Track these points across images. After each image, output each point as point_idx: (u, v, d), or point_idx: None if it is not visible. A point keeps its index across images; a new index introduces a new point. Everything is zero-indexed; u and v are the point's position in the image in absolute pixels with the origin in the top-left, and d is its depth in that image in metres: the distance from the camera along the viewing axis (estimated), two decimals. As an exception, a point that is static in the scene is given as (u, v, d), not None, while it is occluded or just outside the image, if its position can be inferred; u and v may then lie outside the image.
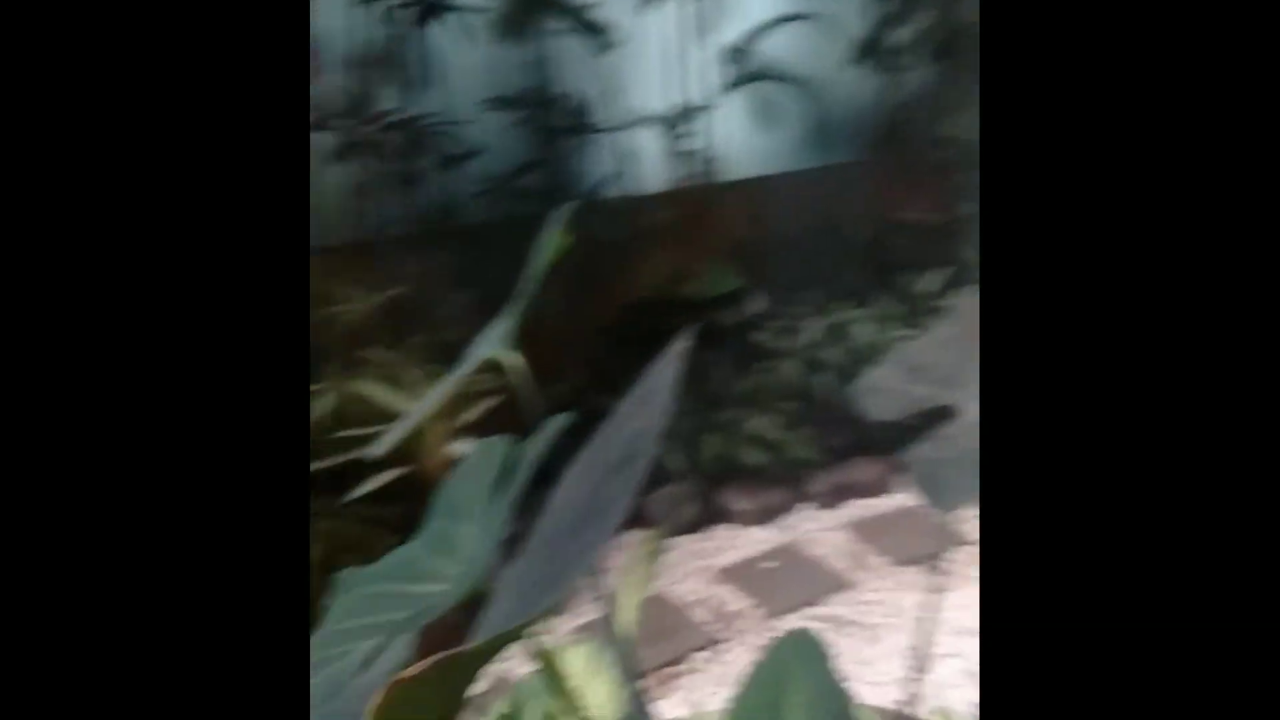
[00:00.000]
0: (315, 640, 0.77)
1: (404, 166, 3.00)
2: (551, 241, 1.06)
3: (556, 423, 0.77)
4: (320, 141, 2.80)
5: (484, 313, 1.10)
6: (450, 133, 3.04)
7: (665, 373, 0.45)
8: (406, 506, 0.96)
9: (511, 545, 0.70)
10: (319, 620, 0.83)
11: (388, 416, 2.31)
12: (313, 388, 2.46)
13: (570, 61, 3.28)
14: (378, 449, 1.12)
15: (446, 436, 2.46)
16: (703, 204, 3.52)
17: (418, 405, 1.16)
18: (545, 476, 0.74)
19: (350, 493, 2.28)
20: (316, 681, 0.68)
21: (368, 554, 0.98)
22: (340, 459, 2.27)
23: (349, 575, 0.86)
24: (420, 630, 0.70)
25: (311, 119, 2.74)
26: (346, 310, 2.64)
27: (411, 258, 2.94)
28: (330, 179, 2.87)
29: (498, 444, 0.92)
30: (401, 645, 0.71)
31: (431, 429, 2.46)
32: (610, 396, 0.70)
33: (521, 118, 3.19)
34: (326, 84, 2.82)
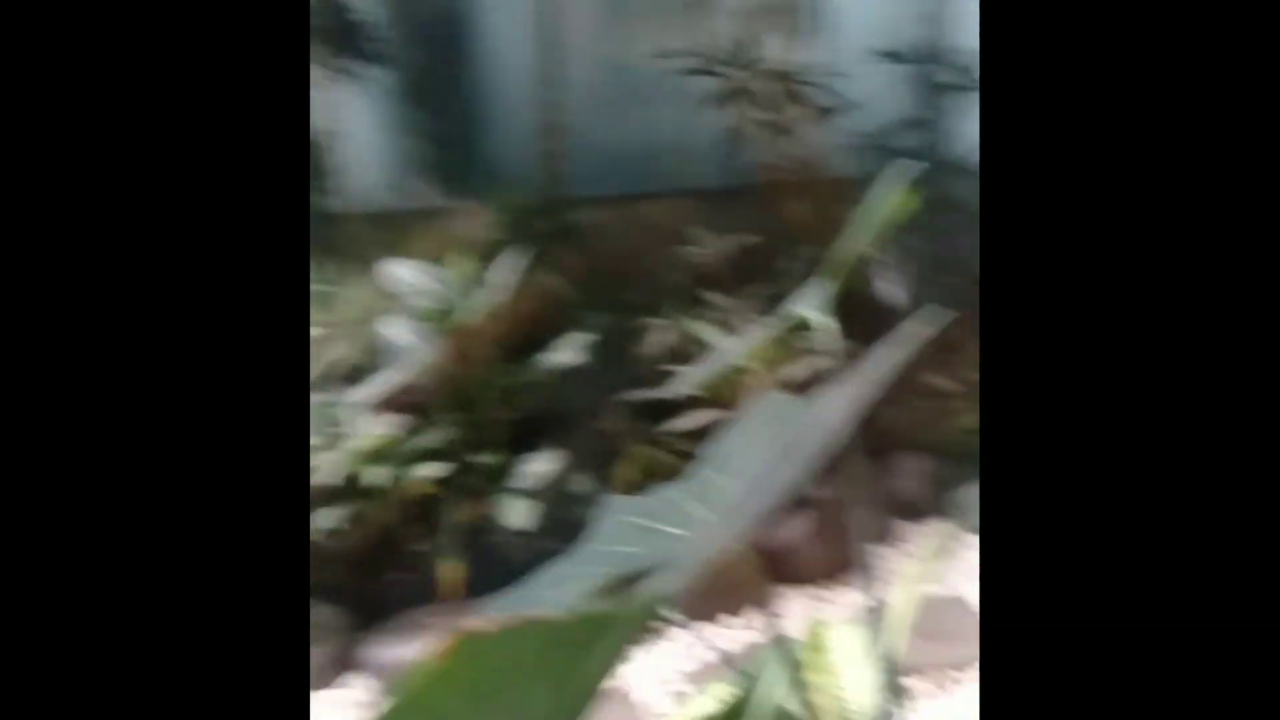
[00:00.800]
0: (575, 554, 0.83)
1: (779, 116, 3.00)
2: (886, 200, 1.00)
3: (828, 391, 0.75)
4: (702, 86, 2.89)
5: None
6: (829, 84, 2.99)
7: (881, 362, 0.41)
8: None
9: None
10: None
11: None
12: (652, 321, 2.60)
13: (967, 15, 3.05)
14: (675, 389, 1.16)
15: (770, 386, 2.48)
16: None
17: (718, 353, 1.18)
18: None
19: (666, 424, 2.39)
20: (561, 592, 0.73)
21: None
22: (660, 393, 2.39)
23: (614, 501, 0.91)
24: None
25: (695, 64, 2.84)
26: (698, 252, 2.73)
27: (771, 207, 2.96)
28: (706, 124, 2.95)
29: (775, 402, 0.91)
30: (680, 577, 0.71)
31: (756, 377, 2.50)
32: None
33: (907, 73, 3.04)
34: (713, 29, 2.89)
